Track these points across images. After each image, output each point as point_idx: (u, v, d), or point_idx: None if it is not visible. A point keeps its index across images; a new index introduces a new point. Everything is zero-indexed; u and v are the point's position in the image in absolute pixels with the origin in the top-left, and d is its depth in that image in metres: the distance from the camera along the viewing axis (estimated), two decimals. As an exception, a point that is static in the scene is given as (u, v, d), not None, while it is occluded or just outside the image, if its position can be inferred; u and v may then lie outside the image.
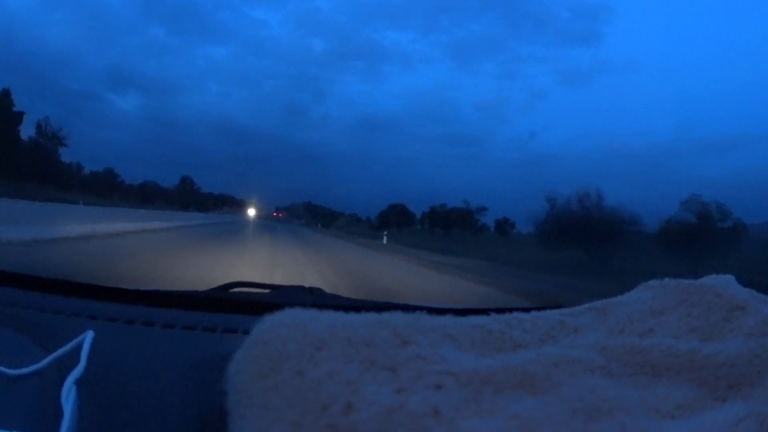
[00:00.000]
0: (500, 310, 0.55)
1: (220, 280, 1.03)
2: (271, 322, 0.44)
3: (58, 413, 0.48)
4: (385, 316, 0.47)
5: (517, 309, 0.57)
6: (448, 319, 0.49)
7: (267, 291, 0.99)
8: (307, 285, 1.05)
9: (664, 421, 0.35)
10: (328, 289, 1.05)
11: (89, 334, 0.57)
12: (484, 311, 0.55)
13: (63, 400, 0.49)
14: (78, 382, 0.52)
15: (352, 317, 0.46)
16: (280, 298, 0.93)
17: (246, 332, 0.44)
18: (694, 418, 0.35)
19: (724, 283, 0.53)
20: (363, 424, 0.32)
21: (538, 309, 0.58)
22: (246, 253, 9.20)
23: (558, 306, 0.61)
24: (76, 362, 0.55)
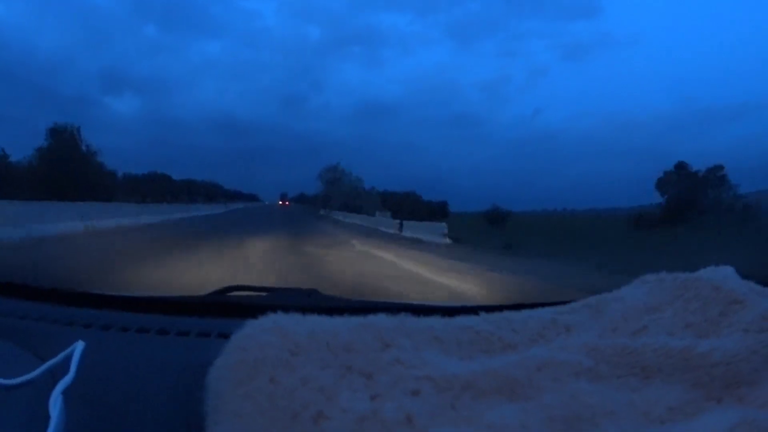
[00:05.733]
0: (491, 309, 0.54)
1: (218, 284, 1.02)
2: (251, 327, 0.43)
3: (48, 423, 0.48)
4: (370, 318, 0.46)
5: (509, 306, 0.55)
6: (436, 321, 0.48)
7: (264, 294, 0.98)
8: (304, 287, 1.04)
9: (652, 426, 0.33)
10: None
11: (79, 344, 0.58)
12: (474, 310, 0.53)
13: (50, 410, 0.49)
14: (67, 392, 0.52)
15: (336, 321, 0.45)
16: (276, 300, 0.93)
17: None
18: (684, 423, 0.33)
19: (722, 276, 0.51)
20: None
21: (532, 306, 0.56)
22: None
23: (553, 302, 0.59)
24: (68, 372, 0.56)
